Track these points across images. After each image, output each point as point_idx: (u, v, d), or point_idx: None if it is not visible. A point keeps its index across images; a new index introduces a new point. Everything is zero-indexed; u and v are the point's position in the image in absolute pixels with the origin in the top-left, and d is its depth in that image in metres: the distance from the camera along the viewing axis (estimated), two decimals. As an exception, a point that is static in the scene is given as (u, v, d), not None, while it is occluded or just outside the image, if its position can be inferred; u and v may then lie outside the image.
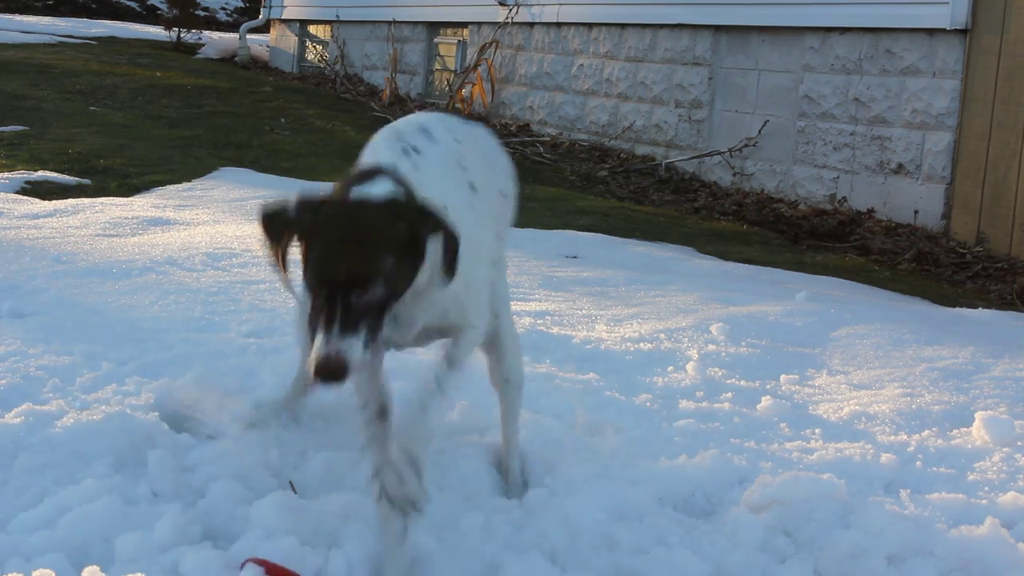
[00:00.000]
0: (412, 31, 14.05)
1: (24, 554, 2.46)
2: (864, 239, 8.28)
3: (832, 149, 9.10)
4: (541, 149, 11.27)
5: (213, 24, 24.39)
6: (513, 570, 2.56)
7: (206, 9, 26.10)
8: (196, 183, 8.12)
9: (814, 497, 2.79)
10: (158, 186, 8.00)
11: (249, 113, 11.75)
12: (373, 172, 2.36)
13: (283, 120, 11.46)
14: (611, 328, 4.56)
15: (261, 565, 2.41)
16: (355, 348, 2.15)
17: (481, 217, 2.65)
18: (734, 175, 9.91)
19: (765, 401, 3.65)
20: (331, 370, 2.13)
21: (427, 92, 13.84)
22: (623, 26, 11.00)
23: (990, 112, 7.93)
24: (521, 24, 12.20)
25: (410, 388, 2.69)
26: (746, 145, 9.75)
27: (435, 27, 13.79)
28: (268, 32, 17.70)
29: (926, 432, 3.47)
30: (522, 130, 12.08)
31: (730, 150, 9.87)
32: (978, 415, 3.50)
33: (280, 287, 2.42)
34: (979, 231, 7.99)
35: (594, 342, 4.28)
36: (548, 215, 8.04)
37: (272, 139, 10.37)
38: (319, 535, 2.63)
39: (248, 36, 17.74)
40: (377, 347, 2.34)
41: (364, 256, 2.16)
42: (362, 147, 3.17)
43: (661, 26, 10.57)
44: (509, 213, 3.00)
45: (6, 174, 7.92)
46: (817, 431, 3.45)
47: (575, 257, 6.43)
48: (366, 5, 14.77)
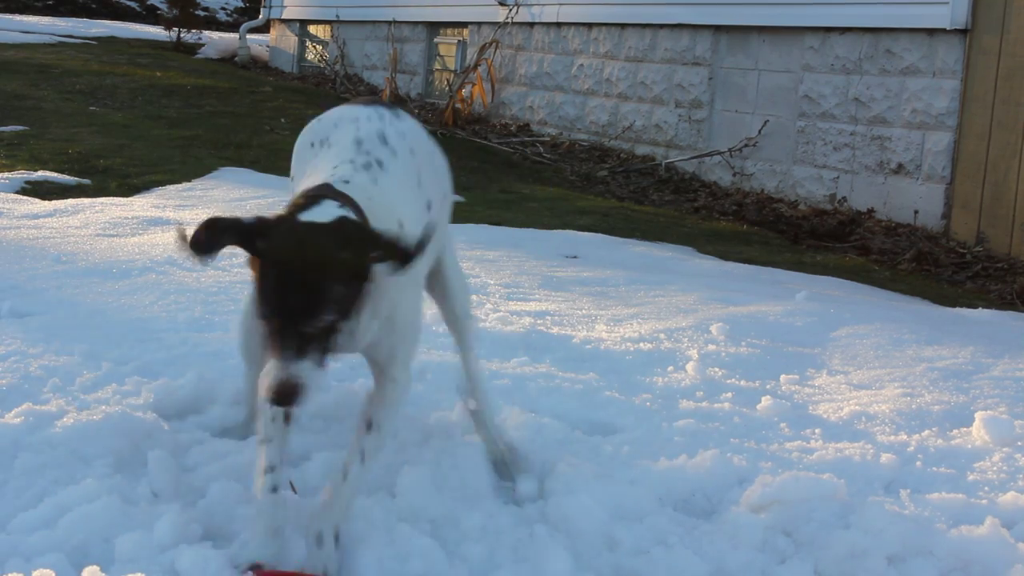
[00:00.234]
0: (412, 31, 14.05)
1: (24, 554, 2.46)
2: (864, 239, 8.28)
3: (832, 149, 9.10)
4: (541, 149, 11.27)
5: (213, 24, 24.38)
6: (513, 571, 2.56)
7: (206, 9, 26.10)
8: (196, 183, 8.12)
9: (814, 497, 2.79)
10: (158, 186, 8.00)
11: (249, 113, 11.75)
12: (321, 194, 2.41)
13: (283, 120, 11.46)
14: (611, 328, 4.56)
15: None
16: (309, 371, 2.24)
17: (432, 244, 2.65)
18: (734, 175, 9.91)
19: (765, 401, 3.65)
20: (286, 394, 2.23)
21: (427, 92, 13.84)
22: (623, 26, 11.00)
23: (990, 112, 7.93)
24: (521, 24, 12.20)
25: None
26: (746, 145, 9.75)
27: (435, 27, 13.80)
28: (268, 32, 17.70)
29: (926, 432, 3.47)
30: (522, 130, 12.08)
31: (730, 150, 9.87)
32: (978, 415, 3.49)
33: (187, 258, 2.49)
34: (979, 231, 7.99)
35: (594, 342, 4.28)
36: (548, 215, 8.04)
37: (272, 139, 10.37)
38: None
39: (248, 36, 17.74)
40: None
41: (311, 286, 2.23)
42: (361, 147, 3.15)
43: (661, 26, 10.57)
44: (448, 210, 3.06)
45: (6, 174, 7.92)
46: (817, 431, 3.45)
47: (575, 257, 6.43)
48: (366, 5, 14.77)
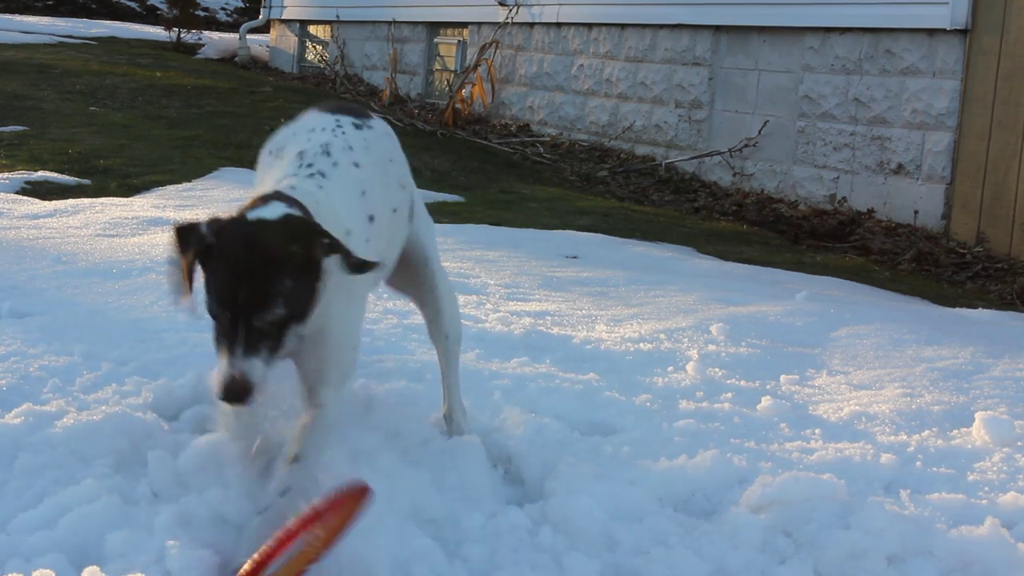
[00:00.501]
0: (412, 31, 14.05)
1: (24, 554, 2.46)
2: (864, 239, 8.28)
3: (832, 149, 9.10)
4: (541, 149, 11.27)
5: (213, 24, 24.38)
6: (513, 571, 2.56)
7: (206, 9, 26.10)
8: (196, 183, 8.12)
9: (814, 497, 2.79)
10: (158, 186, 8.00)
11: (249, 113, 11.75)
12: (270, 196, 2.41)
13: (283, 120, 11.39)
14: (611, 328, 4.56)
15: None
16: (258, 369, 2.24)
17: (369, 252, 2.62)
18: (734, 175, 9.91)
19: (765, 401, 3.65)
20: (235, 391, 2.23)
21: (427, 92, 13.84)
22: (623, 26, 11.00)
23: (990, 112, 7.93)
24: (521, 24, 12.20)
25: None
26: (746, 145, 9.75)
27: (435, 27, 13.80)
28: (268, 32, 17.70)
29: (926, 432, 3.47)
30: (522, 130, 12.08)
31: (730, 150, 9.87)
32: (978, 415, 3.49)
33: (177, 301, 2.46)
34: (979, 231, 7.99)
35: (594, 342, 4.28)
36: (548, 215, 8.04)
37: (272, 139, 10.36)
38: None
39: (248, 36, 17.74)
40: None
41: (261, 279, 2.23)
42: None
43: (661, 26, 10.57)
44: (410, 199, 3.03)
45: (6, 174, 7.92)
46: (817, 431, 3.45)
47: (575, 257, 6.43)
48: (366, 5, 14.77)
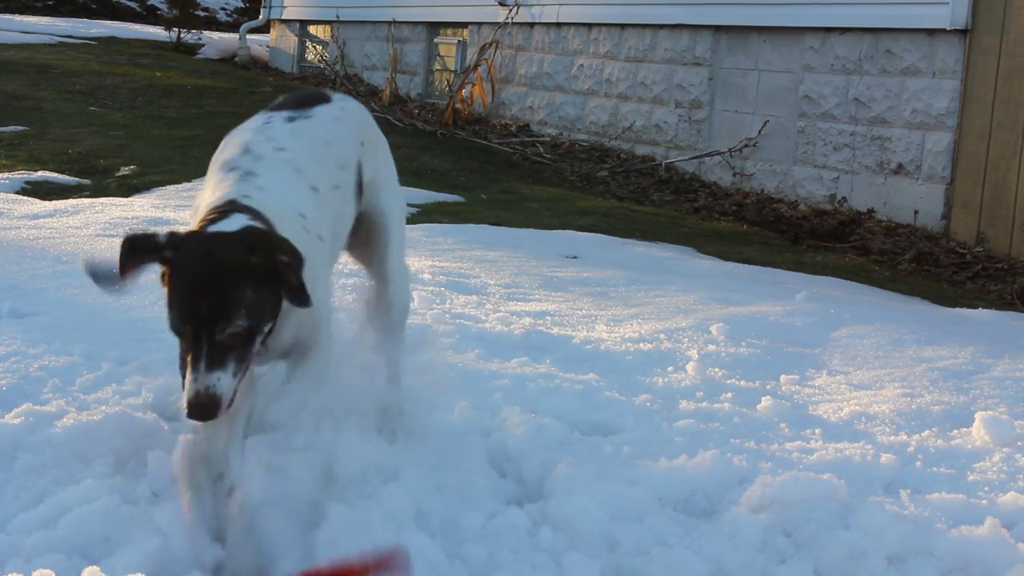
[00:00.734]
0: (412, 31, 14.05)
1: (24, 554, 2.46)
2: (864, 239, 8.28)
3: (832, 149, 9.10)
4: (541, 149, 11.27)
5: (213, 24, 24.38)
6: (513, 571, 2.56)
7: (206, 9, 26.10)
8: (196, 183, 8.11)
9: (814, 497, 2.78)
10: (158, 186, 8.01)
11: (249, 113, 11.58)
12: (226, 207, 2.40)
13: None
14: (611, 328, 4.56)
15: None
16: (224, 382, 2.22)
17: (323, 223, 2.64)
18: (734, 175, 9.91)
19: (765, 401, 3.65)
20: (202, 407, 2.21)
21: (427, 92, 13.84)
22: (623, 26, 11.00)
23: (990, 112, 7.93)
24: (521, 24, 12.20)
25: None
26: (746, 145, 9.75)
27: (435, 27, 13.80)
28: (268, 32, 17.70)
29: (926, 432, 3.47)
30: (522, 130, 12.08)
31: (730, 150, 9.87)
32: (978, 415, 3.49)
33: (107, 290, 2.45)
34: (979, 231, 7.99)
35: (594, 342, 4.28)
36: (548, 215, 8.04)
37: (272, 139, 10.36)
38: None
39: (248, 36, 17.74)
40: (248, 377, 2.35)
41: (222, 292, 2.22)
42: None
43: (661, 26, 10.57)
44: (354, 178, 2.97)
45: (6, 174, 7.93)
46: (817, 431, 3.45)
47: (575, 257, 6.43)
48: (366, 5, 14.77)
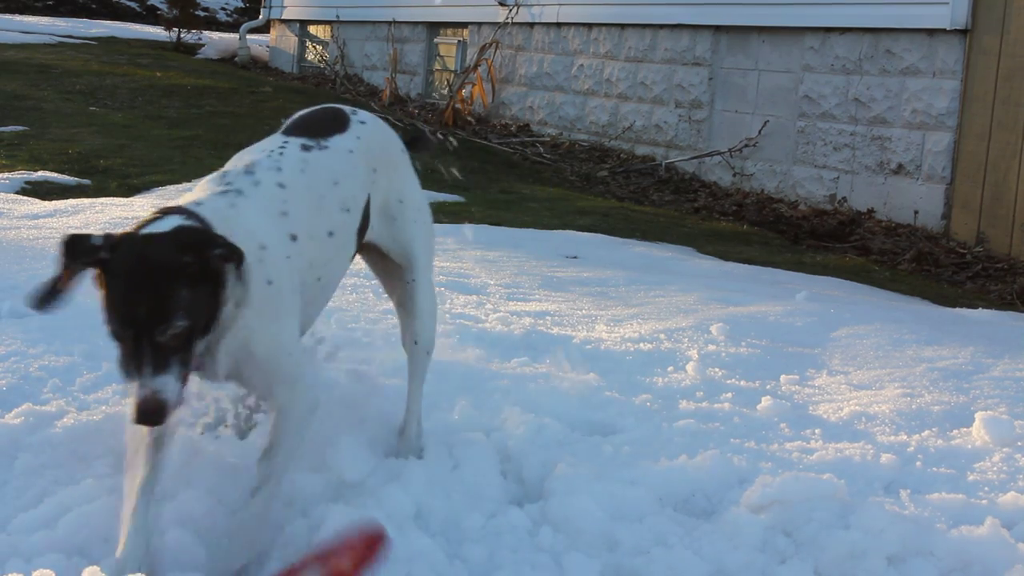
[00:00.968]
0: (412, 31, 14.05)
1: (24, 554, 2.46)
2: (864, 239, 8.28)
3: (832, 149, 9.10)
4: (541, 149, 11.27)
5: (213, 24, 24.38)
6: (513, 571, 2.56)
7: (206, 9, 26.10)
8: (196, 183, 8.11)
9: (814, 497, 2.78)
10: (158, 186, 8.00)
11: (249, 113, 11.75)
12: (168, 210, 2.36)
13: (283, 120, 11.46)
14: (611, 328, 4.56)
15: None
16: (170, 385, 2.20)
17: (295, 272, 2.55)
18: (734, 175, 9.91)
19: (765, 401, 3.65)
20: (149, 412, 2.18)
21: (427, 92, 13.84)
22: (623, 26, 11.00)
23: (990, 112, 7.93)
24: (521, 24, 12.20)
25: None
26: (746, 145, 9.75)
27: (435, 27, 13.80)
28: (268, 32, 17.70)
29: (926, 432, 3.47)
30: (522, 130, 12.08)
31: (730, 150, 9.87)
32: (978, 415, 3.49)
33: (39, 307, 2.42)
34: (979, 231, 7.99)
35: (594, 342, 4.28)
36: (548, 215, 8.04)
37: (272, 139, 10.37)
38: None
39: (248, 36, 17.74)
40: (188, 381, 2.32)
41: (157, 292, 2.18)
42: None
43: (661, 26, 10.57)
44: (404, 181, 3.03)
45: (6, 174, 7.92)
46: (817, 431, 3.45)
47: (575, 257, 6.43)
48: (366, 5, 14.77)
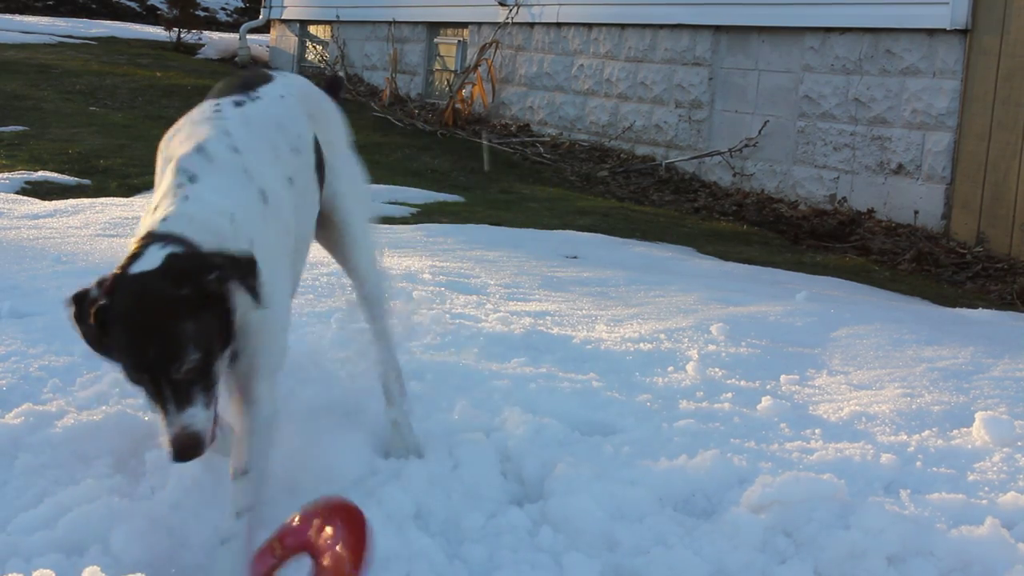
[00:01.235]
0: (412, 31, 14.05)
1: (24, 554, 2.46)
2: (864, 239, 8.28)
3: (832, 149, 9.10)
4: (541, 149, 11.27)
5: (213, 24, 24.38)
6: (513, 571, 2.56)
7: (206, 9, 26.10)
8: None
9: (814, 497, 2.78)
10: (158, 186, 8.00)
11: (249, 113, 11.72)
12: (145, 243, 2.28)
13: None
14: (611, 328, 4.56)
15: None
16: (199, 417, 2.18)
17: (272, 235, 2.50)
18: (734, 175, 9.91)
19: (765, 401, 3.64)
20: (185, 448, 2.17)
21: (427, 92, 13.84)
22: (623, 26, 11.00)
23: (990, 112, 7.93)
24: (521, 24, 12.20)
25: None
26: (746, 145, 9.75)
27: (435, 27, 13.80)
28: (268, 32, 17.70)
29: (926, 432, 3.47)
30: (522, 130, 12.08)
31: (730, 150, 9.87)
32: (978, 415, 3.49)
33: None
34: (979, 231, 7.99)
35: (594, 342, 4.27)
36: (548, 215, 8.04)
37: (272, 139, 10.36)
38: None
39: (248, 36, 17.74)
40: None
41: (163, 333, 2.15)
42: (361, 147, 3.15)
43: (661, 26, 10.57)
44: (310, 164, 2.90)
45: (6, 174, 7.93)
46: (817, 431, 3.45)
47: (575, 257, 6.43)
48: (366, 5, 14.77)
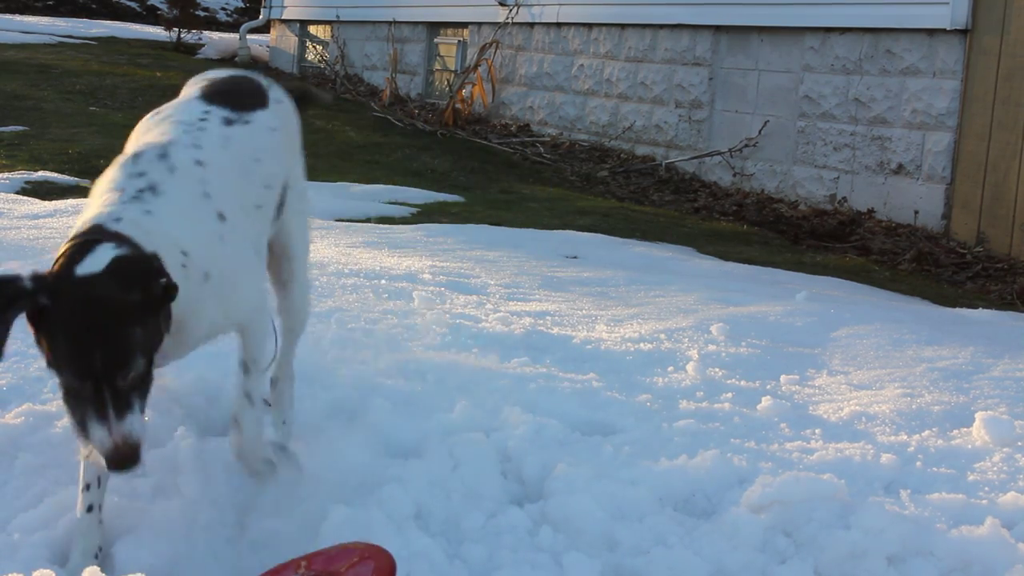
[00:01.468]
0: (412, 31, 14.05)
1: (24, 554, 2.46)
2: (864, 239, 8.28)
3: (832, 149, 9.10)
4: (541, 149, 11.27)
5: (213, 24, 24.38)
6: (513, 571, 2.56)
7: (206, 9, 26.10)
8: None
9: (814, 497, 2.78)
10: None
11: (249, 113, 11.72)
12: (93, 237, 2.24)
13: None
14: (611, 328, 4.56)
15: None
16: (136, 424, 2.15)
17: (236, 242, 2.54)
18: (734, 175, 9.91)
19: (765, 401, 3.64)
20: (124, 458, 2.13)
21: (427, 92, 13.84)
22: (623, 26, 11.00)
23: (990, 112, 7.93)
24: (521, 24, 12.20)
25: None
26: (746, 145, 9.75)
27: (435, 27, 13.80)
28: (268, 32, 17.70)
29: (926, 432, 3.47)
30: (522, 130, 12.08)
31: (730, 150, 9.87)
32: (978, 415, 3.49)
33: None
34: (979, 231, 7.99)
35: (594, 342, 4.27)
36: (548, 215, 8.04)
37: (272, 139, 10.36)
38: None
39: (248, 36, 17.74)
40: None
41: (112, 339, 2.12)
42: (361, 147, 3.14)
43: (661, 26, 10.57)
44: (277, 198, 2.86)
45: (6, 174, 7.93)
46: (817, 431, 3.45)
47: (575, 257, 6.43)
48: (366, 5, 14.77)
